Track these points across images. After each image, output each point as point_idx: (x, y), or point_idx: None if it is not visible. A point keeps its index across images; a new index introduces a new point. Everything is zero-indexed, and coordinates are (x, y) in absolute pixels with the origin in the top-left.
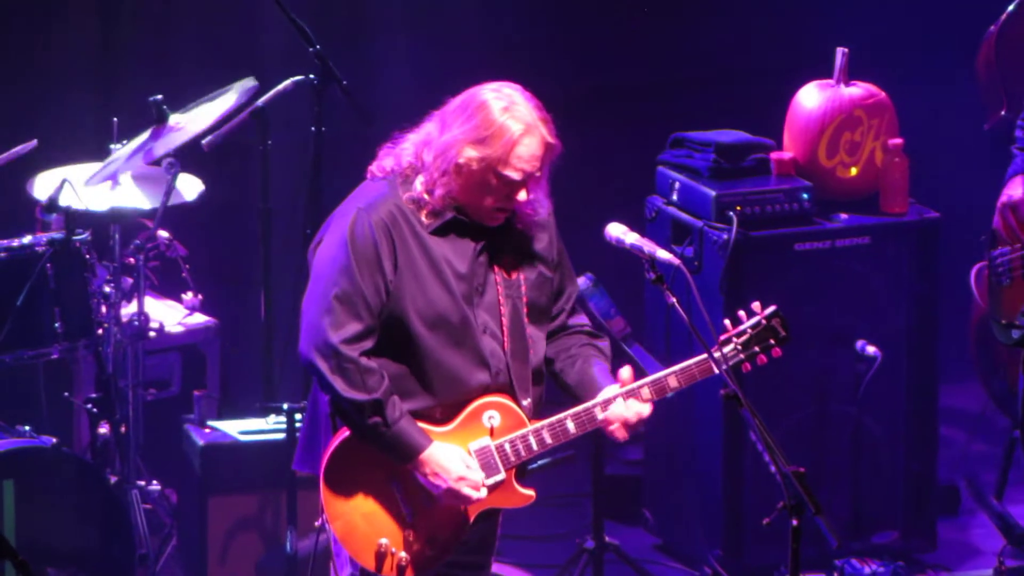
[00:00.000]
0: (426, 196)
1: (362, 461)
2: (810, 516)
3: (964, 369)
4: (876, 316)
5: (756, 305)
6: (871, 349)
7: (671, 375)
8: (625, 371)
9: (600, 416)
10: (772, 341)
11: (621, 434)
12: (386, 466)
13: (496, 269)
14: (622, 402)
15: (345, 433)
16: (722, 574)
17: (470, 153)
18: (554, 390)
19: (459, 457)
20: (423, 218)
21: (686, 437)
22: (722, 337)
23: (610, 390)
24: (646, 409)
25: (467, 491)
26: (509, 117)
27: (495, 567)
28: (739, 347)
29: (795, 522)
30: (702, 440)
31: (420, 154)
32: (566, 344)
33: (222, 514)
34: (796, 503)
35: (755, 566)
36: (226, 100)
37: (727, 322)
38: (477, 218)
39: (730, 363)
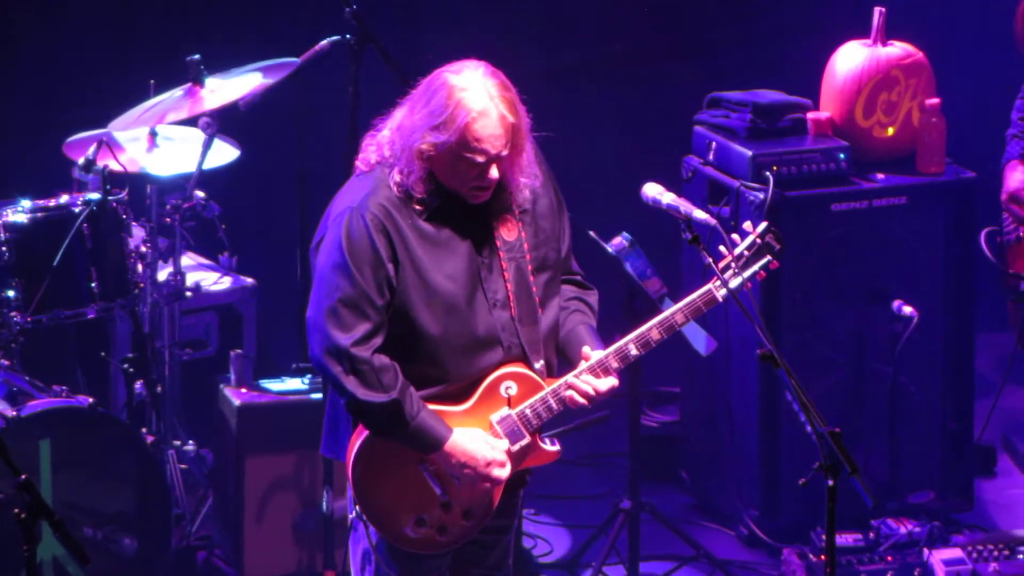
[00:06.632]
0: (408, 184)
1: (388, 452)
2: (846, 476)
3: (1000, 328)
4: (912, 276)
5: (747, 224)
6: (907, 309)
7: (677, 311)
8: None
9: (615, 366)
10: (769, 257)
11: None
12: (412, 452)
13: (496, 234)
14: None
15: (366, 431)
16: (758, 534)
17: (429, 139)
18: None
19: (483, 439)
20: (415, 206)
21: (722, 397)
22: (720, 264)
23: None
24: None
25: (497, 473)
26: (462, 100)
27: (529, 526)
28: (738, 271)
29: (831, 482)
30: (738, 400)
31: (394, 142)
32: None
33: (258, 474)
34: (832, 463)
35: (791, 526)
36: (259, 79)
37: (722, 248)
38: (460, 197)
39: (732, 288)
